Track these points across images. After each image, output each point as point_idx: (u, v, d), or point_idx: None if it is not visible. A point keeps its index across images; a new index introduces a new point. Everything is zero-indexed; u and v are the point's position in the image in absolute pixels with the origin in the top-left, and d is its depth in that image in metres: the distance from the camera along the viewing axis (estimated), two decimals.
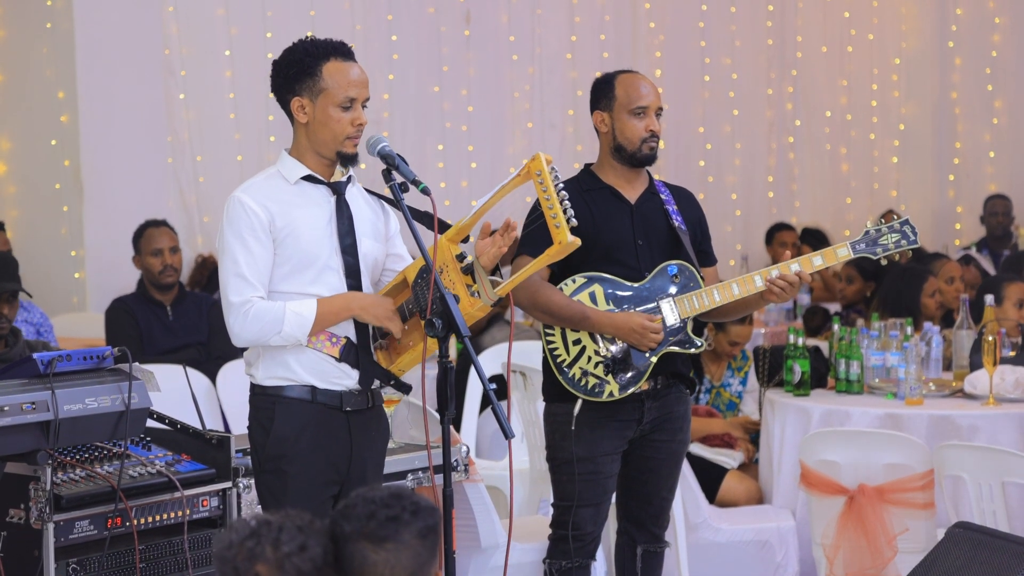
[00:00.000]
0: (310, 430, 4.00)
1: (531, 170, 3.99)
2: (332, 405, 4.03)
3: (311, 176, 4.04)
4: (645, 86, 4.86)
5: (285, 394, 4.01)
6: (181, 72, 9.25)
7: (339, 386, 4.04)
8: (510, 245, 4.04)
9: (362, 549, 2.69)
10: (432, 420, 4.06)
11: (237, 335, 3.96)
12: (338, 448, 4.03)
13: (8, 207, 8.76)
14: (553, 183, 3.95)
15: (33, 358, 3.97)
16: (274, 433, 3.99)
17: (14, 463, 3.97)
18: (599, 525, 4.90)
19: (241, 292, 3.94)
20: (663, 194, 4.94)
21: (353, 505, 2.74)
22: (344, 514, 2.73)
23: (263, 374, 4.04)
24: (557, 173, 3.98)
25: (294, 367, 4.01)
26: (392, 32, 10.41)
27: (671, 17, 12.00)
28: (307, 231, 3.99)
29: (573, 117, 11.23)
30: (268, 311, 3.93)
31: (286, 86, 4.03)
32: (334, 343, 4.02)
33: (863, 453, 5.44)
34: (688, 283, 4.82)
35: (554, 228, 3.96)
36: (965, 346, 6.42)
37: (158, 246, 7.32)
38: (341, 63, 4.00)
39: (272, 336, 3.94)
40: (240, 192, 4.00)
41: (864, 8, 13.03)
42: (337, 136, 4.00)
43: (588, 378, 4.74)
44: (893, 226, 4.87)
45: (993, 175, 13.10)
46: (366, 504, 2.73)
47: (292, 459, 3.98)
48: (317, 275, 4.00)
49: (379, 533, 2.69)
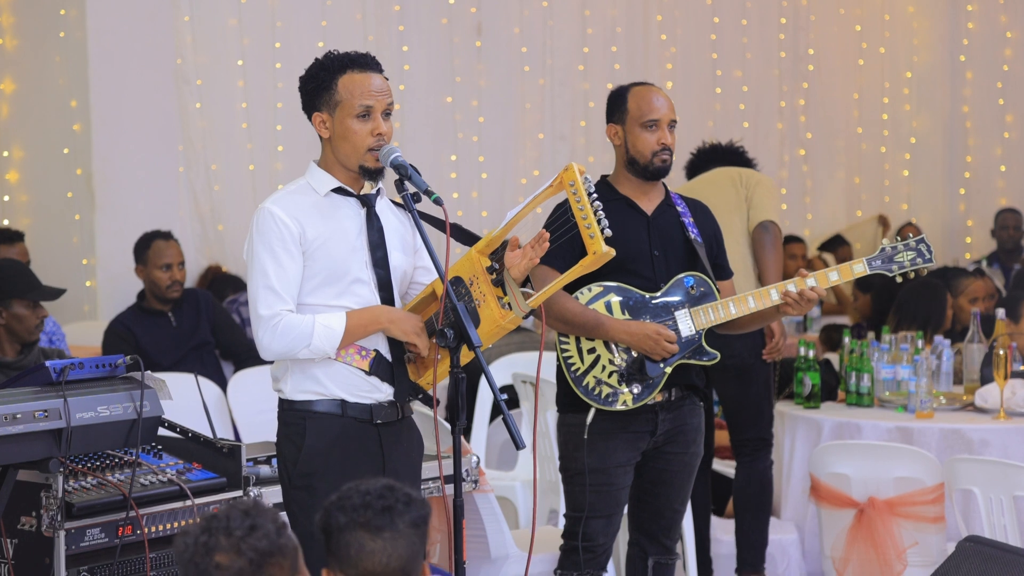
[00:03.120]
0: (341, 444, 3.98)
1: (564, 180, 3.97)
2: (362, 418, 4.01)
3: (341, 188, 4.03)
4: (658, 99, 4.86)
5: (315, 408, 3.99)
6: (197, 81, 9.27)
7: (369, 399, 4.02)
8: (542, 256, 4.00)
9: (360, 537, 2.75)
10: (443, 430, 4.06)
11: (266, 348, 3.94)
12: (371, 462, 4.00)
13: (20, 215, 8.77)
14: (587, 192, 3.93)
15: (46, 366, 3.98)
16: (306, 449, 3.97)
17: (26, 471, 3.98)
18: (611, 536, 4.90)
19: (271, 305, 3.92)
20: (679, 206, 4.94)
21: (347, 496, 2.80)
22: (338, 505, 2.79)
23: (292, 388, 4.02)
24: (591, 182, 3.97)
25: (323, 381, 3.99)
26: (404, 43, 10.42)
27: (683, 29, 12.01)
28: (338, 244, 3.98)
29: (584, 128, 11.23)
30: (297, 324, 3.91)
31: (308, 103, 4.03)
32: (364, 356, 4.00)
33: (873, 466, 5.44)
34: (704, 295, 4.82)
35: (588, 238, 3.94)
36: (976, 360, 6.41)
37: (167, 261, 7.25)
38: (357, 74, 3.98)
39: (301, 349, 3.92)
40: (270, 204, 3.98)
41: (876, 22, 13.04)
42: (358, 148, 3.97)
43: (602, 387, 4.74)
44: (909, 244, 4.87)
45: (1004, 189, 13.10)
46: (361, 495, 2.79)
47: (324, 475, 3.95)
48: (346, 287, 3.99)
49: (375, 522, 2.76)
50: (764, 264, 6.01)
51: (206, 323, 7.36)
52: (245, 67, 9.59)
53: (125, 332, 7.11)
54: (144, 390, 4.09)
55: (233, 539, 2.65)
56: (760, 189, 5.94)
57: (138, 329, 7.15)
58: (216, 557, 2.64)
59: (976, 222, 13.12)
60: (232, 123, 9.55)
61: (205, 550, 2.64)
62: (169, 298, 7.24)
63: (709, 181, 6.18)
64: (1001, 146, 13.14)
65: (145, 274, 7.30)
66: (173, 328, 7.25)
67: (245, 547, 2.64)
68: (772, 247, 6.00)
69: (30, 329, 5.54)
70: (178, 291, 7.27)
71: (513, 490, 6.45)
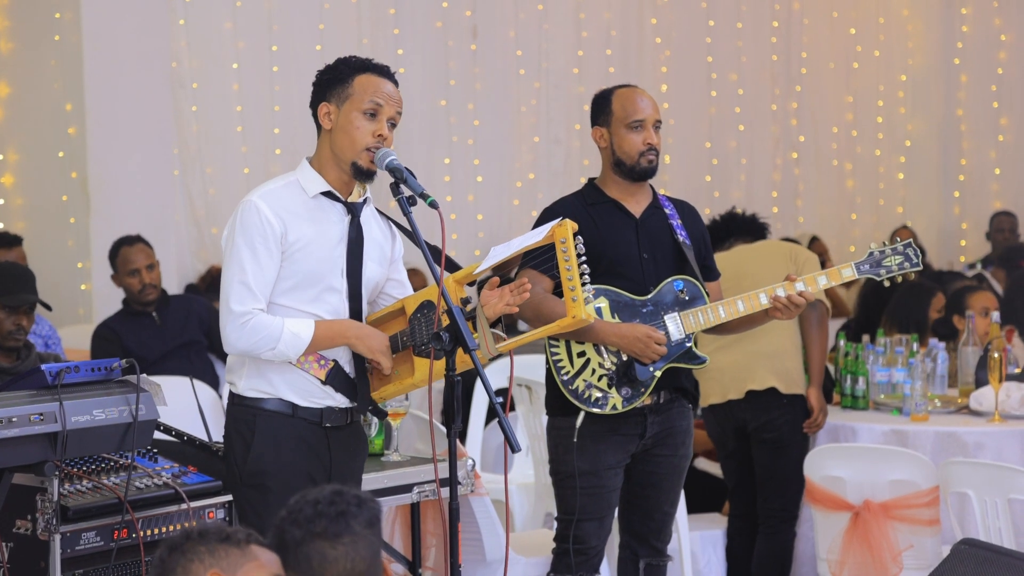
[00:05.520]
0: (291, 444, 3.99)
1: (556, 235, 3.92)
2: (312, 420, 4.02)
3: (330, 192, 4.03)
4: (642, 100, 4.87)
5: (265, 407, 4.01)
6: (192, 85, 9.27)
7: (320, 404, 4.04)
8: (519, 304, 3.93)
9: (320, 548, 2.73)
10: (438, 433, 4.06)
11: (232, 344, 3.95)
12: (319, 464, 4.03)
13: (15, 219, 8.77)
14: (576, 254, 3.90)
15: (41, 369, 3.98)
16: (255, 447, 3.99)
17: (21, 474, 3.97)
18: (602, 539, 4.91)
19: (243, 301, 3.92)
20: (667, 208, 4.95)
21: (298, 509, 2.78)
22: (291, 520, 2.77)
23: (245, 384, 4.03)
24: (582, 243, 3.93)
25: (276, 382, 4.01)
26: (399, 46, 10.43)
27: (677, 32, 12.02)
28: (317, 249, 3.98)
29: (579, 132, 11.24)
30: (266, 326, 3.92)
31: (318, 93, 4.04)
32: (322, 366, 4.01)
33: (869, 469, 5.44)
34: (693, 298, 4.82)
35: (570, 301, 3.91)
36: (971, 363, 6.42)
37: (134, 266, 7.20)
38: (375, 77, 4.00)
39: (265, 351, 3.93)
40: (257, 198, 3.97)
41: (871, 25, 13.06)
42: (356, 144, 3.96)
43: (591, 391, 4.75)
44: (897, 248, 4.88)
45: (998, 192, 13.12)
46: (311, 505, 2.77)
47: (275, 474, 3.97)
48: (319, 294, 4.00)
49: (332, 529, 2.74)
50: (809, 341, 6.02)
51: (196, 325, 7.35)
52: (240, 70, 9.59)
53: (110, 334, 7.13)
54: (140, 393, 4.09)
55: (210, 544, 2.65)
56: (809, 267, 5.93)
57: (122, 330, 7.16)
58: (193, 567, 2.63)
59: (971, 225, 13.14)
60: (227, 127, 9.55)
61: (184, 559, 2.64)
62: (145, 301, 7.21)
63: (759, 253, 6.15)
64: (996, 149, 13.16)
65: (119, 281, 7.31)
66: (157, 326, 7.24)
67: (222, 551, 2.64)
68: (818, 325, 6.00)
69: (2, 334, 5.50)
70: (153, 293, 7.22)
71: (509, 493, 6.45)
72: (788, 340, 5.98)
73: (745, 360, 5.94)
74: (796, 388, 5.96)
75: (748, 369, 5.96)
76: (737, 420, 6.03)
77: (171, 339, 7.25)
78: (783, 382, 5.94)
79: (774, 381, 5.93)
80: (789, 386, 5.95)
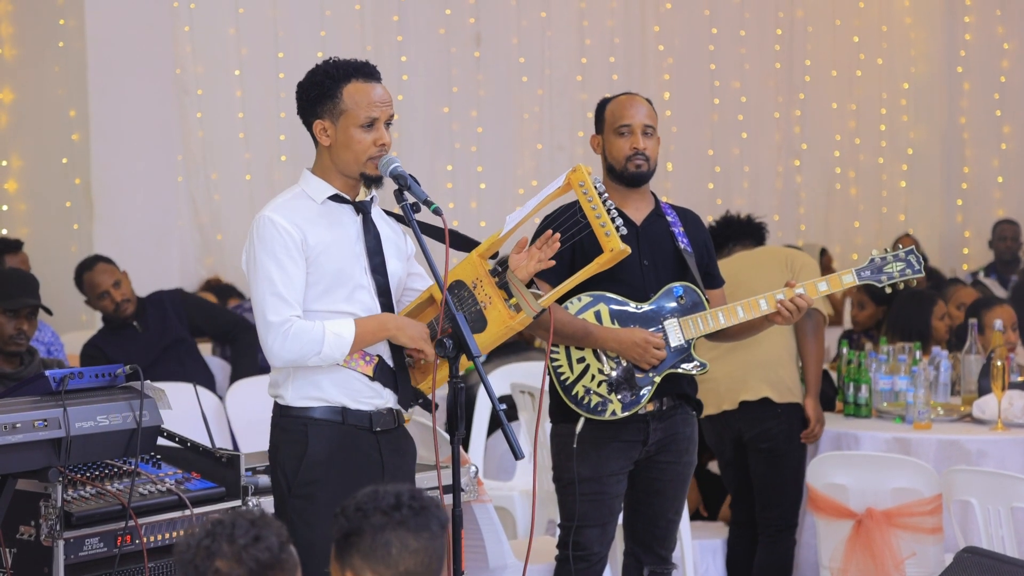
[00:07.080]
0: (343, 453, 3.97)
1: (573, 181, 3.98)
2: (362, 426, 4.00)
3: (337, 195, 4.03)
4: (631, 105, 4.88)
5: (315, 415, 3.98)
6: (197, 91, 9.28)
7: (369, 406, 4.01)
8: (551, 256, 4.02)
9: (402, 536, 2.71)
10: (442, 440, 4.06)
11: (277, 355, 3.91)
12: (371, 470, 3.99)
13: (19, 225, 8.78)
14: (597, 192, 3.96)
15: (45, 375, 3.98)
16: (308, 457, 3.96)
17: (25, 480, 3.98)
18: (605, 546, 4.90)
19: (279, 312, 3.90)
20: (669, 216, 4.95)
21: (379, 497, 2.75)
22: (372, 506, 2.74)
23: (293, 395, 4.00)
24: (599, 180, 4.00)
25: (326, 387, 3.97)
26: (402, 53, 10.45)
27: (680, 40, 12.04)
28: (338, 249, 3.97)
29: (582, 139, 11.25)
30: (307, 331, 3.89)
31: (309, 109, 4.01)
32: (368, 362, 3.99)
33: (871, 477, 5.44)
34: (693, 305, 4.82)
35: (604, 236, 3.97)
36: (974, 371, 6.41)
37: (102, 288, 7.09)
38: (362, 84, 3.98)
39: (311, 356, 3.90)
40: (270, 212, 3.96)
41: (873, 33, 13.07)
42: (360, 157, 3.97)
43: (591, 396, 4.75)
44: (899, 255, 4.87)
45: (1001, 200, 13.12)
46: (392, 496, 2.75)
47: (325, 484, 3.94)
48: (350, 293, 3.98)
49: (414, 522, 2.73)
50: (805, 350, 5.99)
51: (175, 322, 7.29)
52: (244, 77, 9.61)
53: (95, 351, 7.05)
54: (143, 400, 4.09)
55: (235, 547, 2.63)
56: (806, 272, 5.90)
57: (107, 346, 7.06)
58: (216, 562, 2.63)
59: (973, 233, 13.14)
60: (231, 133, 9.57)
61: (207, 554, 2.63)
62: (124, 317, 7.14)
63: (755, 261, 6.13)
64: (998, 157, 13.17)
65: (93, 306, 7.26)
66: (140, 335, 7.19)
67: (247, 556, 2.63)
68: (814, 334, 5.97)
69: (3, 339, 5.50)
70: (129, 308, 7.12)
71: (511, 500, 6.46)
72: (782, 349, 5.96)
73: (738, 371, 5.93)
74: (791, 397, 5.95)
75: (741, 380, 5.94)
76: (733, 430, 6.02)
77: (156, 344, 7.19)
78: (777, 391, 5.93)
79: (767, 391, 5.92)
80: (783, 395, 5.94)
